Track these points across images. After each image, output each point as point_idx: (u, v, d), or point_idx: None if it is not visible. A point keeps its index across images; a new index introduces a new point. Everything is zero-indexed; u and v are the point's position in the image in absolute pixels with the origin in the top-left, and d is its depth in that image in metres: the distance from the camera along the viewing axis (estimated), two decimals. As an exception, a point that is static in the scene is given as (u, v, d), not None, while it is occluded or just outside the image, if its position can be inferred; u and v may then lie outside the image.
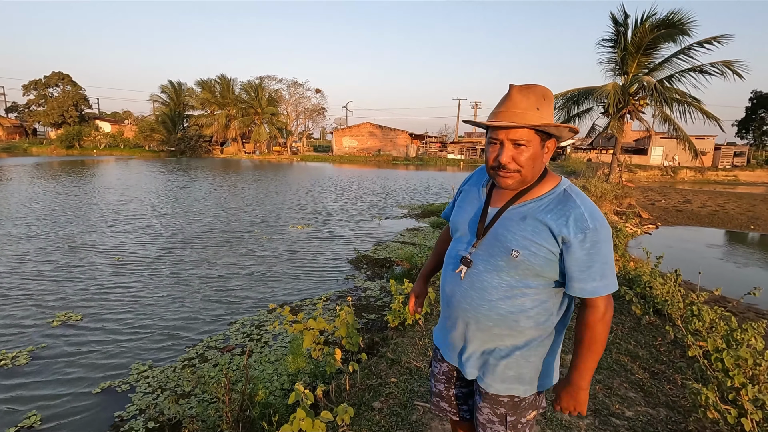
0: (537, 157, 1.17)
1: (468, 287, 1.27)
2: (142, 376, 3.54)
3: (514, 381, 1.28)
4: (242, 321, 4.64)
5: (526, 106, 1.13)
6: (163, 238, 8.25)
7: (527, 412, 1.31)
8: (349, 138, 49.83)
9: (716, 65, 13.75)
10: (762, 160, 37.51)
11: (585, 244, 1.13)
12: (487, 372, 1.29)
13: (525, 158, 1.15)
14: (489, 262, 1.23)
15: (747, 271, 7.74)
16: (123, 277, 5.96)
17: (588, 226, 1.12)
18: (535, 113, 1.13)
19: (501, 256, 1.20)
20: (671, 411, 2.59)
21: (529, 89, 1.15)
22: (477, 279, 1.25)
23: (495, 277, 1.22)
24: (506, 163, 1.16)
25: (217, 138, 45.50)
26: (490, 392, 1.29)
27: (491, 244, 1.23)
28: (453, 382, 1.47)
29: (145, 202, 12.74)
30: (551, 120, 1.17)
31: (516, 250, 1.17)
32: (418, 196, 16.47)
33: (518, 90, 1.16)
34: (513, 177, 1.18)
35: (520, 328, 1.23)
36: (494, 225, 1.23)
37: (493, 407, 1.30)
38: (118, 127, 51.55)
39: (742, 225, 12.59)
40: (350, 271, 6.49)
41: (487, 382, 1.29)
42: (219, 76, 44.77)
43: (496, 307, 1.22)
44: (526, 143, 1.14)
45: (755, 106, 40.35)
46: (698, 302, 3.59)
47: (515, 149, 1.15)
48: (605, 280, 1.15)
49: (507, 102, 1.16)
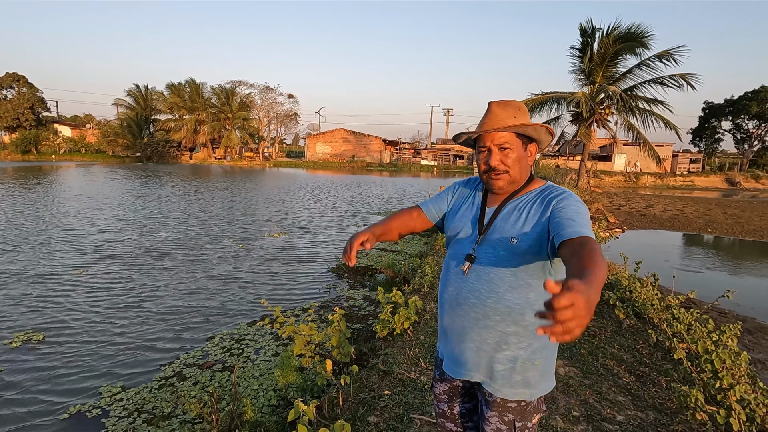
0: (522, 159, 1.33)
1: (474, 281, 1.32)
2: (115, 399, 3.32)
3: (522, 385, 1.30)
4: (221, 335, 4.46)
5: (505, 116, 1.31)
6: (131, 250, 7.88)
7: (533, 416, 1.34)
8: (323, 144, 49.56)
9: (674, 77, 14.55)
10: (715, 167, 39.90)
11: (563, 204, 1.23)
12: (496, 377, 1.31)
13: (511, 160, 1.31)
14: (492, 254, 1.31)
15: (708, 272, 8.14)
16: (88, 292, 5.60)
17: (564, 194, 1.27)
18: (513, 120, 1.31)
19: (502, 246, 1.29)
20: (659, 413, 2.66)
21: (507, 103, 1.34)
22: (483, 272, 1.31)
23: (500, 269, 1.29)
24: (496, 165, 1.31)
25: (186, 143, 44.24)
26: (498, 398, 1.31)
27: (493, 237, 1.32)
28: (456, 400, 1.48)
29: (110, 211, 12.17)
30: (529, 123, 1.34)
31: (514, 237, 1.27)
32: (394, 203, 16.50)
33: (497, 104, 1.33)
34: (503, 178, 1.32)
35: (525, 322, 1.27)
36: (494, 221, 1.34)
37: (501, 414, 1.32)
38: (80, 131, 49.29)
39: (700, 228, 13.27)
40: (332, 280, 6.39)
41: (496, 387, 1.31)
42: (188, 80, 43.64)
43: (503, 299, 1.27)
44: (510, 146, 1.31)
45: (707, 115, 42.95)
46: (675, 305, 3.73)
47: (501, 152, 1.31)
48: (588, 228, 1.15)
49: (489, 115, 1.33)
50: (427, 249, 7.90)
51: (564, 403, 2.71)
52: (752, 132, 40.57)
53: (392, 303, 3.83)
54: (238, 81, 45.21)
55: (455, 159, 47.17)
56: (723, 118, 41.79)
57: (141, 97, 44.72)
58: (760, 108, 38.11)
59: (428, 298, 4.64)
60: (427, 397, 2.74)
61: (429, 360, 3.25)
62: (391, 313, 3.70)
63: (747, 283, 7.64)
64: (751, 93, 39.23)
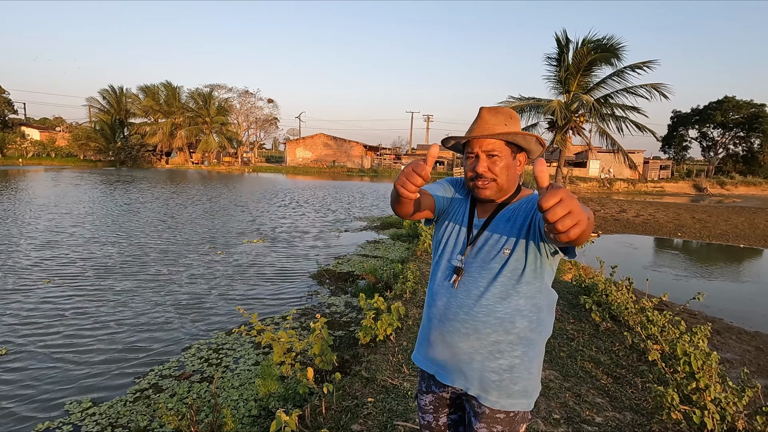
0: (510, 168, 1.30)
1: (464, 295, 1.29)
2: (87, 414, 3.18)
3: (520, 395, 1.28)
4: (198, 345, 4.34)
5: (495, 122, 1.27)
6: (101, 258, 7.62)
7: (520, 426, 1.32)
8: (303, 149, 49.24)
9: (645, 87, 15.12)
10: (683, 173, 41.52)
11: None
12: (490, 387, 1.27)
13: (499, 168, 1.28)
14: (483, 267, 1.28)
15: (679, 275, 8.43)
16: (54, 303, 5.36)
17: None
18: (503, 128, 1.27)
19: (493, 258, 1.27)
20: (636, 414, 2.72)
21: (498, 110, 1.31)
22: (473, 286, 1.29)
23: (490, 281, 1.27)
24: (483, 173, 1.27)
25: (162, 147, 43.21)
26: (487, 410, 1.28)
27: (483, 250, 1.29)
28: (442, 411, 1.45)
29: (79, 217, 11.75)
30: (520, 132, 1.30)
31: (506, 248, 1.25)
32: (375, 209, 16.51)
33: (487, 110, 1.30)
34: (490, 186, 1.29)
35: (516, 330, 1.26)
36: (484, 232, 1.31)
37: (490, 426, 1.29)
38: (49, 134, 47.52)
39: (671, 232, 13.78)
40: (313, 286, 6.32)
41: (493, 400, 1.27)
42: (164, 83, 42.73)
43: (493, 311, 1.26)
44: (499, 154, 1.27)
45: (675, 124, 44.76)
46: (649, 308, 3.84)
47: (489, 160, 1.28)
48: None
49: (479, 121, 1.29)
50: (408, 254, 7.92)
51: (545, 406, 2.75)
52: (717, 140, 42.48)
53: (374, 309, 3.82)
54: (216, 85, 44.59)
55: (435, 165, 47.60)
56: (690, 127, 43.64)
57: (115, 100, 43.51)
58: (724, 117, 39.99)
59: (410, 304, 4.65)
60: (410, 404, 2.74)
61: (412, 366, 3.24)
62: (373, 319, 3.68)
63: (714, 285, 7.95)
64: (715, 103, 41.14)
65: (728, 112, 39.96)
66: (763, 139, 39.63)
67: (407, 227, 10.64)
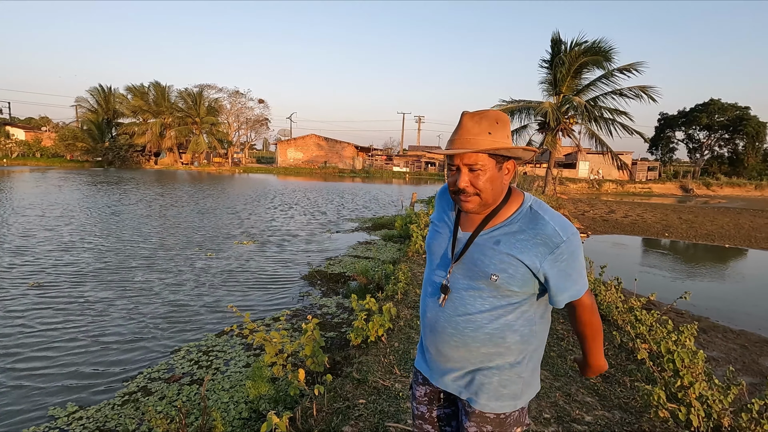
0: (495, 180, 1.20)
1: (452, 313, 1.27)
2: (74, 419, 3.13)
3: (509, 398, 1.29)
4: (187, 347, 4.29)
5: (477, 131, 1.16)
6: (87, 260, 7.51)
7: (512, 428, 1.31)
8: (294, 149, 49.07)
9: (633, 89, 15.34)
10: (670, 174, 42.19)
11: (562, 257, 1.17)
12: (481, 391, 1.29)
13: (482, 182, 1.18)
14: (471, 287, 1.24)
15: (666, 275, 8.56)
16: (39, 305, 5.28)
17: (562, 240, 1.16)
18: (486, 138, 1.16)
19: (481, 279, 1.22)
20: (624, 413, 2.76)
21: (482, 115, 1.18)
22: (460, 304, 1.26)
23: (478, 300, 1.23)
24: (464, 188, 1.19)
25: (151, 148, 42.73)
26: (477, 410, 1.29)
27: (469, 269, 1.24)
28: (435, 404, 1.45)
29: (66, 218, 11.57)
30: (506, 143, 1.19)
31: (495, 274, 1.19)
32: (367, 210, 16.50)
33: (470, 117, 1.18)
34: (473, 201, 1.21)
35: (507, 344, 1.24)
36: (469, 250, 1.25)
37: (480, 425, 1.30)
38: (34, 134, 46.67)
39: (658, 232, 13.98)
40: (304, 287, 6.30)
41: (483, 402, 1.28)
42: (153, 83, 42.27)
43: (482, 327, 1.24)
44: (482, 168, 1.17)
45: (662, 126, 45.50)
46: (637, 307, 3.89)
47: (471, 174, 1.18)
48: (582, 279, 1.23)
49: (459, 130, 1.18)
50: (400, 255, 7.92)
51: (535, 405, 2.77)
52: (703, 142, 43.26)
53: (366, 310, 3.82)
54: (206, 85, 44.24)
55: (427, 166, 47.77)
56: (677, 129, 44.42)
57: (103, 99, 42.92)
58: (710, 119, 40.76)
59: (402, 305, 4.65)
60: (402, 405, 2.74)
61: (403, 367, 3.25)
62: (365, 320, 3.68)
63: (700, 285, 8.08)
64: (701, 105, 41.90)
65: (714, 115, 40.75)
66: (746, 141, 40.47)
67: (399, 228, 10.66)
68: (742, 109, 40.24)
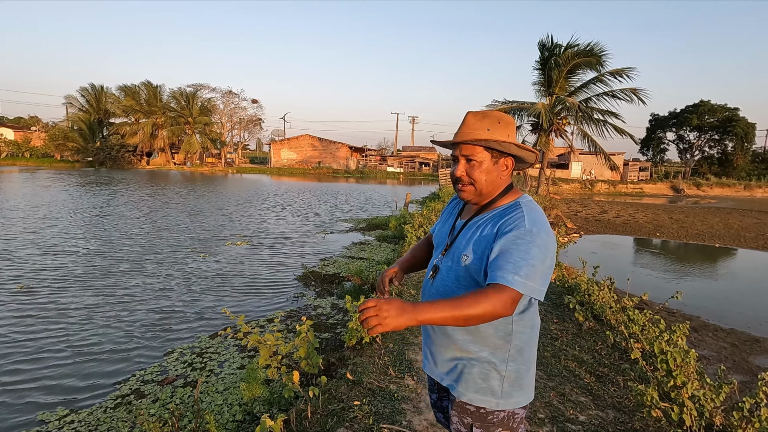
0: (490, 172, 1.29)
1: (435, 292, 1.37)
2: (65, 422, 3.09)
3: (486, 392, 1.29)
4: (181, 349, 4.26)
5: (477, 127, 1.27)
6: (78, 261, 7.42)
7: (496, 428, 1.30)
8: (288, 150, 48.89)
9: (625, 91, 15.49)
10: (661, 175, 42.62)
11: (513, 237, 1.17)
12: (460, 380, 1.32)
13: (477, 173, 1.28)
14: (450, 268, 1.34)
15: (658, 274, 8.64)
16: (28, 308, 5.20)
17: (524, 225, 1.18)
18: (484, 133, 1.26)
19: (457, 261, 1.31)
20: (618, 412, 2.78)
21: (485, 114, 1.29)
22: (441, 284, 1.36)
23: (454, 281, 1.31)
24: (460, 176, 1.30)
25: (143, 148, 42.34)
26: (458, 399, 1.32)
27: (453, 251, 1.35)
28: (434, 389, 1.54)
29: (55, 218, 11.43)
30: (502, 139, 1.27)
31: (465, 254, 1.27)
32: (361, 210, 16.48)
33: (473, 115, 1.30)
34: (468, 190, 1.31)
35: (482, 335, 1.27)
36: (459, 235, 1.35)
37: (461, 416, 1.33)
38: (24, 134, 46.09)
39: (650, 232, 14.11)
40: (298, 288, 6.27)
41: (460, 390, 1.32)
42: (144, 82, 41.90)
43: None
44: (477, 159, 1.27)
45: (654, 127, 45.92)
46: (630, 307, 3.92)
47: (467, 164, 1.29)
48: (525, 279, 1.11)
49: (462, 126, 1.31)
50: (394, 256, 7.92)
51: (530, 405, 2.78)
52: (693, 142, 43.74)
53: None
54: (199, 84, 43.91)
55: (421, 166, 47.82)
56: (668, 130, 44.85)
57: (94, 99, 42.47)
58: (700, 120, 41.21)
59: (396, 306, 4.64)
60: (397, 406, 2.73)
61: (398, 368, 3.24)
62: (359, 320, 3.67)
63: (691, 284, 8.17)
64: (691, 107, 42.36)
65: (704, 116, 41.20)
66: (736, 142, 40.99)
67: (393, 229, 10.65)
68: (731, 110, 40.75)
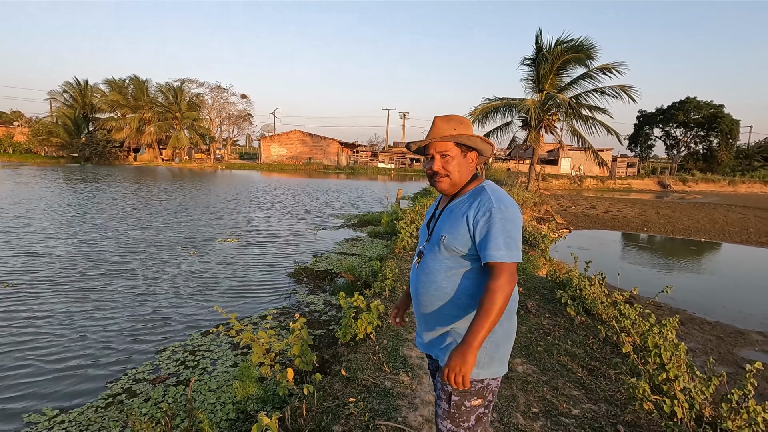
0: (462, 165, 1.52)
1: (420, 274, 1.56)
2: (55, 422, 3.04)
3: None
4: (173, 347, 4.21)
5: (446, 128, 1.51)
6: (69, 258, 7.29)
7: (472, 397, 1.44)
8: (278, 145, 48.51)
9: (614, 88, 15.63)
10: (649, 171, 43.21)
11: (490, 220, 1.39)
12: (448, 350, 1.48)
13: (451, 166, 1.51)
14: (432, 250, 1.53)
15: (646, 269, 8.78)
16: (14, 306, 5.10)
17: (493, 205, 1.41)
18: (453, 132, 1.51)
19: (437, 242, 1.50)
20: (610, 405, 2.81)
21: (450, 117, 1.54)
22: (426, 266, 1.54)
23: (437, 262, 1.50)
24: (437, 170, 1.51)
25: (130, 143, 41.68)
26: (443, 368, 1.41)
27: (434, 236, 1.54)
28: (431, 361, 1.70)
29: (42, 216, 11.20)
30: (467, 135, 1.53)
31: (443, 235, 1.47)
32: (352, 206, 16.44)
33: (440, 119, 1.53)
34: (445, 181, 1.52)
35: (464, 305, 1.46)
36: (437, 222, 1.56)
37: (443, 385, 1.46)
38: (6, 129, 45.02)
39: (638, 227, 14.32)
40: (291, 285, 6.24)
41: (445, 360, 1.45)
42: (131, 77, 41.17)
43: (441, 287, 1.48)
44: (450, 153, 1.50)
45: (641, 123, 46.50)
46: (620, 302, 3.98)
47: (442, 159, 1.51)
48: (509, 251, 1.37)
49: (432, 128, 1.54)
50: (387, 252, 7.92)
51: (524, 400, 2.80)
52: (680, 139, 44.41)
53: (354, 308, 3.80)
54: (187, 79, 43.27)
55: (411, 162, 47.82)
56: (655, 126, 45.43)
57: (79, 93, 41.61)
58: (686, 117, 41.83)
59: (390, 302, 4.65)
60: (392, 402, 2.74)
61: (393, 365, 3.25)
62: (353, 318, 3.66)
63: (678, 278, 8.32)
64: (678, 103, 42.96)
65: (690, 112, 41.82)
66: (720, 138, 41.69)
67: (385, 225, 10.65)
68: (716, 107, 41.39)
